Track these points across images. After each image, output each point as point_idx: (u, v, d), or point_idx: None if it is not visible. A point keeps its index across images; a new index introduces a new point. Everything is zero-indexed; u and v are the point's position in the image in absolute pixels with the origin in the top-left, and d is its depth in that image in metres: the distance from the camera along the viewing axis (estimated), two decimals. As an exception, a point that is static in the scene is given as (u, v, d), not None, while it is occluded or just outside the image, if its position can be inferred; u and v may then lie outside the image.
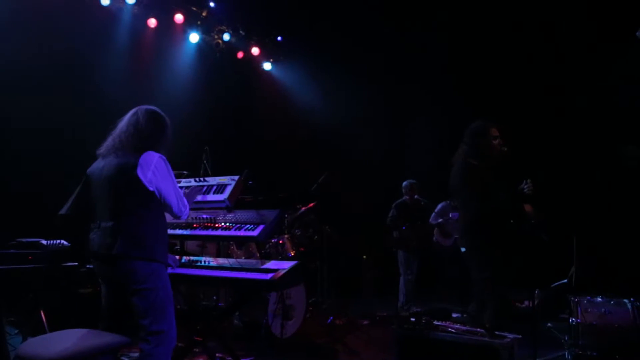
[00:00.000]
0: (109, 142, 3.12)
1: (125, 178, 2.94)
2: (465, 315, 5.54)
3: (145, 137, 3.05)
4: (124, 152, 3.02)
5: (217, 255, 5.08)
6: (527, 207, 4.08)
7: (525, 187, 4.04)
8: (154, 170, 2.97)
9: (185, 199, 3.21)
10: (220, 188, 3.80)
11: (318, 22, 8.41)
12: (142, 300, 2.92)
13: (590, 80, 7.34)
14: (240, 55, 8.56)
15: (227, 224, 3.67)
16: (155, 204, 3.03)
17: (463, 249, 4.23)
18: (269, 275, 3.37)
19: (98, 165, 3.14)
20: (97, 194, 3.08)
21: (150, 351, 2.90)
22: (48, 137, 5.88)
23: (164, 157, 3.06)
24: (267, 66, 9.03)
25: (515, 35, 7.72)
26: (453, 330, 3.80)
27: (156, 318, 2.93)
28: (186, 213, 3.21)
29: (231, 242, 5.51)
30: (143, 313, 2.92)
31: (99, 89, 6.43)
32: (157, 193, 3.00)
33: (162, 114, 3.20)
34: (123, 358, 4.20)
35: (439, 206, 7.35)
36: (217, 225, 3.72)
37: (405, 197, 7.14)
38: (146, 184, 2.94)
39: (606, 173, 7.06)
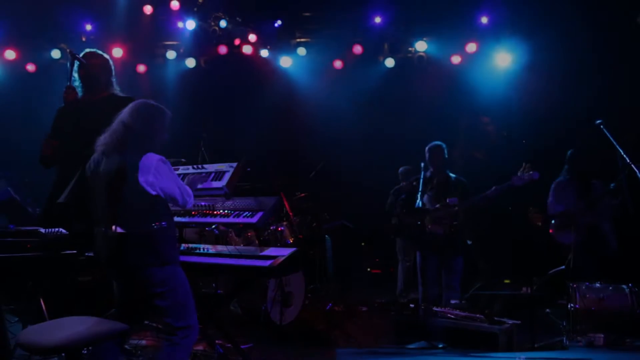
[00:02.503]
0: (106, 138, 3.01)
1: (127, 185, 2.89)
2: (463, 302, 5.56)
3: (137, 136, 2.98)
4: (121, 152, 2.94)
5: (216, 242, 5.07)
6: (536, 217, 4.08)
7: (523, 173, 4.05)
8: (154, 172, 2.91)
9: (188, 189, 3.17)
10: (219, 175, 3.78)
11: (316, 8, 8.33)
12: (163, 301, 2.95)
13: (592, 67, 7.31)
14: (237, 42, 8.49)
15: (226, 211, 3.67)
16: (161, 205, 2.99)
17: (469, 242, 4.24)
18: (268, 262, 3.37)
19: (96, 161, 3.07)
20: (97, 195, 3.02)
21: (178, 341, 2.95)
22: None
23: (164, 159, 2.99)
24: (264, 53, 8.96)
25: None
26: (452, 316, 3.82)
27: (179, 315, 2.97)
28: (191, 202, 3.19)
29: (230, 230, 5.51)
30: (166, 312, 2.96)
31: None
32: (161, 194, 2.97)
33: (157, 107, 3.10)
34: (127, 347, 4.20)
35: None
36: (215, 212, 3.71)
37: (402, 184, 7.12)
38: (148, 188, 2.90)
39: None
